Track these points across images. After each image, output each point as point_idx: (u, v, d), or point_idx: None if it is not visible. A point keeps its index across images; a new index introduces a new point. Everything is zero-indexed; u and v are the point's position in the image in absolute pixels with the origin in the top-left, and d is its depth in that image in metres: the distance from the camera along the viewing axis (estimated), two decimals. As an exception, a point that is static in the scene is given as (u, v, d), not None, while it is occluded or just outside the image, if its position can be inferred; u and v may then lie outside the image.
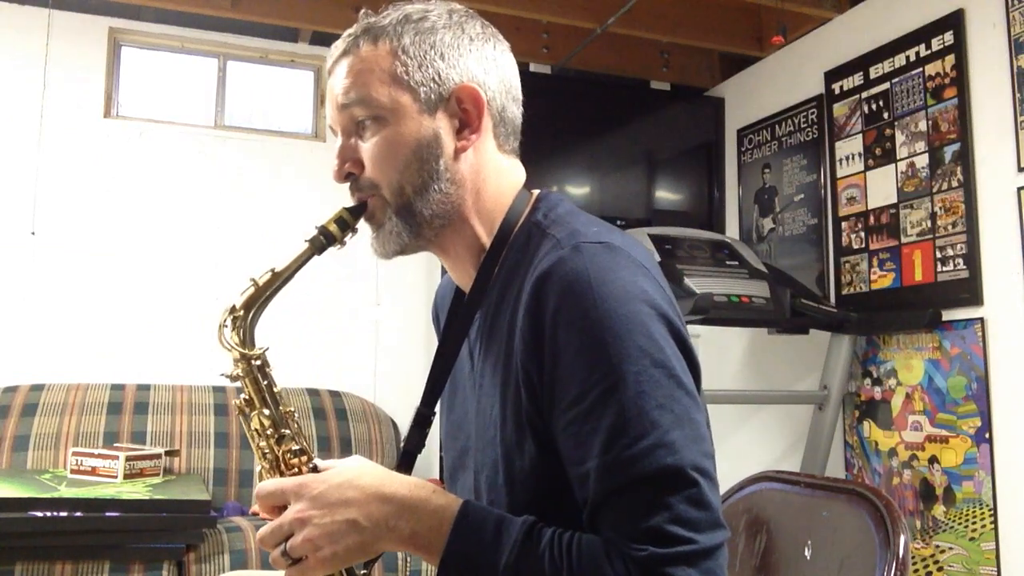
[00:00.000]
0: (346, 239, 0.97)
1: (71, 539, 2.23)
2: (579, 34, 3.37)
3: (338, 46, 0.98)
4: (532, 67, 3.60)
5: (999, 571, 2.46)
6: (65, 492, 2.31)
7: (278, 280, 0.97)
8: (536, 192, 1.02)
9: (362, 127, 0.95)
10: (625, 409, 0.80)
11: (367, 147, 0.95)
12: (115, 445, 2.82)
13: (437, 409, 1.05)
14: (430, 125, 0.94)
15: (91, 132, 3.34)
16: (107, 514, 2.26)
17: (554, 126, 3.38)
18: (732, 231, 3.68)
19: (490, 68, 0.97)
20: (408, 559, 2.57)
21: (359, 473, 0.86)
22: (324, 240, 0.97)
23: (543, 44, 3.47)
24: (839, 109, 3.13)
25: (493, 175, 0.98)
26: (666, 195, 3.92)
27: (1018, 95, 2.49)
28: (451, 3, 1.00)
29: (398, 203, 0.95)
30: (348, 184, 0.99)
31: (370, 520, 0.83)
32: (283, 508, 0.87)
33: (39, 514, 2.20)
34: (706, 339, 3.56)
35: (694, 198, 3.84)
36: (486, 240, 0.98)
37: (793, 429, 3.20)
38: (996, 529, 2.47)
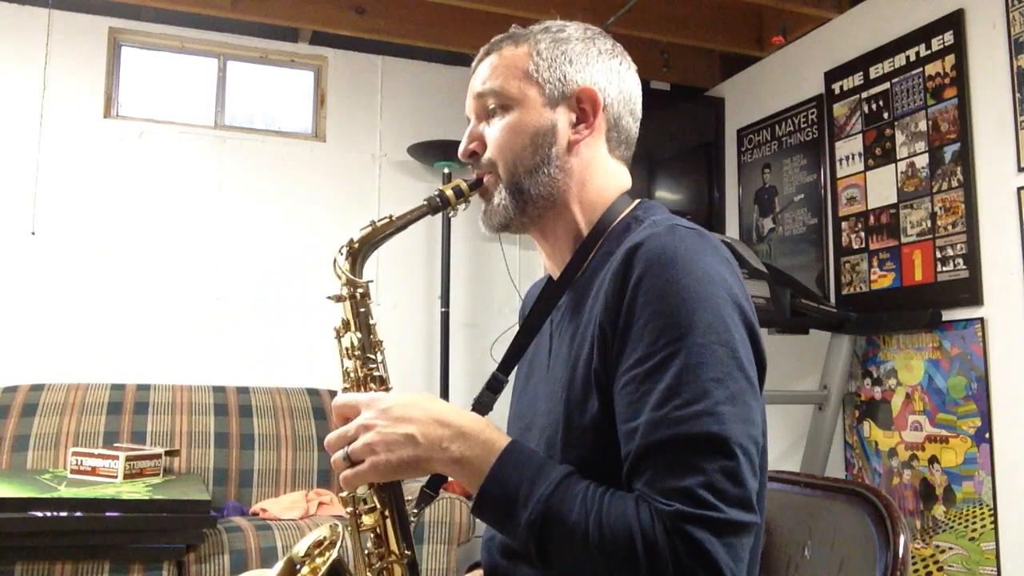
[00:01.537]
0: (459, 207, 1.07)
1: (71, 539, 2.23)
2: (579, 34, 3.37)
3: (484, 48, 1.10)
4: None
5: (999, 571, 2.46)
6: (65, 492, 2.31)
7: (392, 227, 1.05)
8: (639, 200, 1.09)
9: (492, 113, 1.06)
10: (683, 374, 0.84)
11: (492, 130, 1.06)
12: (115, 445, 2.82)
13: (511, 379, 1.12)
14: (550, 117, 1.04)
15: (91, 132, 3.34)
16: (107, 514, 2.26)
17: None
18: (732, 231, 3.68)
19: (612, 79, 1.07)
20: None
21: (425, 399, 0.94)
22: (440, 202, 1.05)
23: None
24: (839, 109, 3.13)
25: (600, 172, 1.07)
26: (666, 195, 3.92)
27: (1018, 95, 2.49)
28: (588, 24, 1.11)
29: (510, 180, 1.04)
30: (471, 161, 1.09)
31: (426, 438, 0.89)
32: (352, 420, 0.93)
33: (39, 514, 2.20)
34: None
35: (694, 198, 3.84)
36: (585, 229, 1.06)
37: (793, 429, 3.20)
38: (996, 529, 2.47)
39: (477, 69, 1.09)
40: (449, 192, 1.05)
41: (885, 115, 2.92)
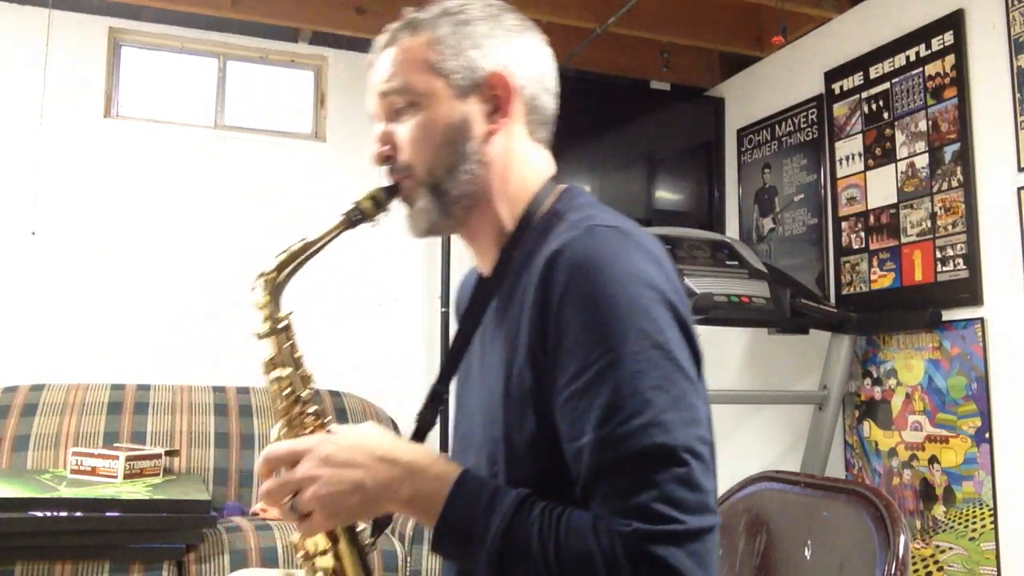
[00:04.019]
0: (379, 217, 1.02)
1: (71, 539, 2.23)
2: (579, 34, 3.37)
3: (380, 39, 1.04)
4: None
5: (999, 571, 2.46)
6: (65, 492, 2.31)
7: (308, 249, 1.01)
8: (564, 186, 1.05)
9: (399, 113, 1.01)
10: (621, 387, 0.82)
11: (402, 131, 1.01)
12: (115, 445, 2.82)
13: (451, 389, 1.09)
14: (461, 109, 0.99)
15: (91, 132, 3.34)
16: (107, 514, 2.26)
17: (554, 126, 3.38)
18: (732, 231, 3.68)
19: (523, 58, 1.01)
20: (408, 559, 2.57)
21: (366, 436, 0.90)
22: (358, 215, 1.01)
23: (543, 44, 3.47)
24: (839, 109, 3.13)
25: (521, 160, 1.02)
26: (666, 195, 3.92)
27: (1018, 95, 2.49)
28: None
29: (429, 182, 0.99)
30: (385, 166, 1.04)
31: (375, 482, 0.86)
32: (290, 468, 0.90)
33: (39, 514, 2.20)
34: (706, 339, 3.52)
35: (694, 198, 3.84)
36: (510, 226, 1.01)
37: (793, 429, 3.20)
38: (996, 529, 2.47)
39: (376, 64, 1.04)
40: (366, 203, 1.00)
41: (885, 115, 2.92)
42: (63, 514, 2.22)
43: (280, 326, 1.00)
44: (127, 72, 3.50)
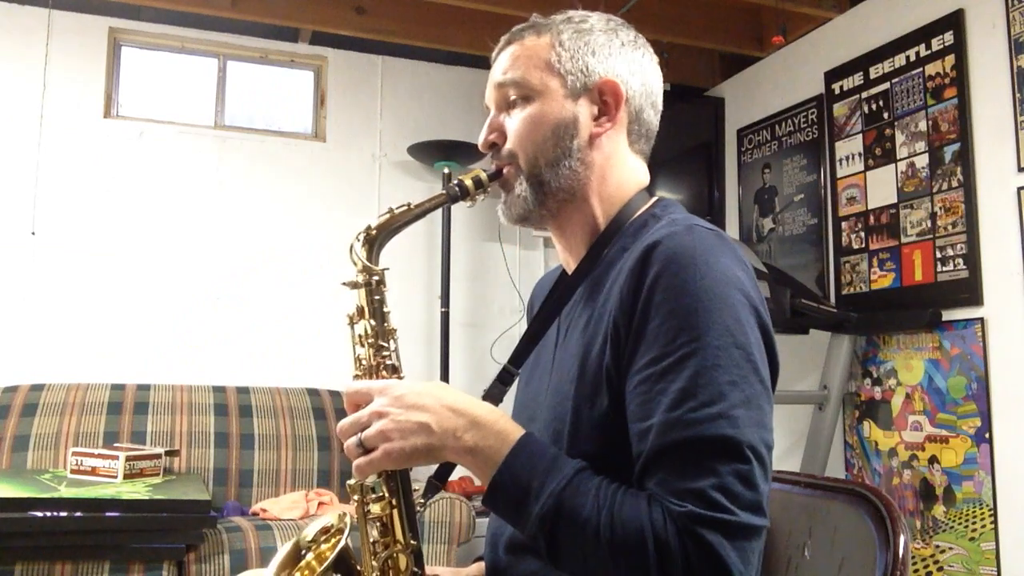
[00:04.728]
0: (478, 198, 1.05)
1: (71, 539, 2.23)
2: (579, 34, 3.37)
3: (505, 37, 1.08)
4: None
5: (999, 571, 2.46)
6: (65, 492, 2.31)
7: (410, 215, 1.03)
8: (657, 196, 1.09)
9: (512, 104, 1.05)
10: (698, 376, 0.84)
11: (513, 121, 1.05)
12: (115, 445, 2.82)
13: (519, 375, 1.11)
14: (571, 109, 1.03)
15: (91, 132, 3.34)
16: (107, 514, 2.26)
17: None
18: (732, 231, 3.68)
19: (635, 71, 1.06)
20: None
21: (439, 387, 0.94)
22: (458, 191, 1.04)
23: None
24: (839, 109, 3.13)
25: (620, 167, 1.06)
26: (666, 195, 3.92)
27: (1018, 95, 2.49)
28: (611, 14, 1.10)
29: (530, 172, 1.03)
30: (491, 152, 1.07)
31: (440, 426, 0.88)
32: (364, 407, 0.93)
33: (39, 514, 2.20)
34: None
35: (694, 198, 3.84)
36: (602, 223, 1.05)
37: (793, 429, 3.20)
38: (996, 529, 2.47)
39: (498, 59, 1.08)
40: (468, 182, 1.04)
41: (885, 115, 2.92)
42: (63, 514, 2.22)
43: (374, 279, 1.02)
44: (127, 72, 3.50)
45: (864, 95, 3.02)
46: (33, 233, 3.20)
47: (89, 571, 2.24)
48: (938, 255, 2.70)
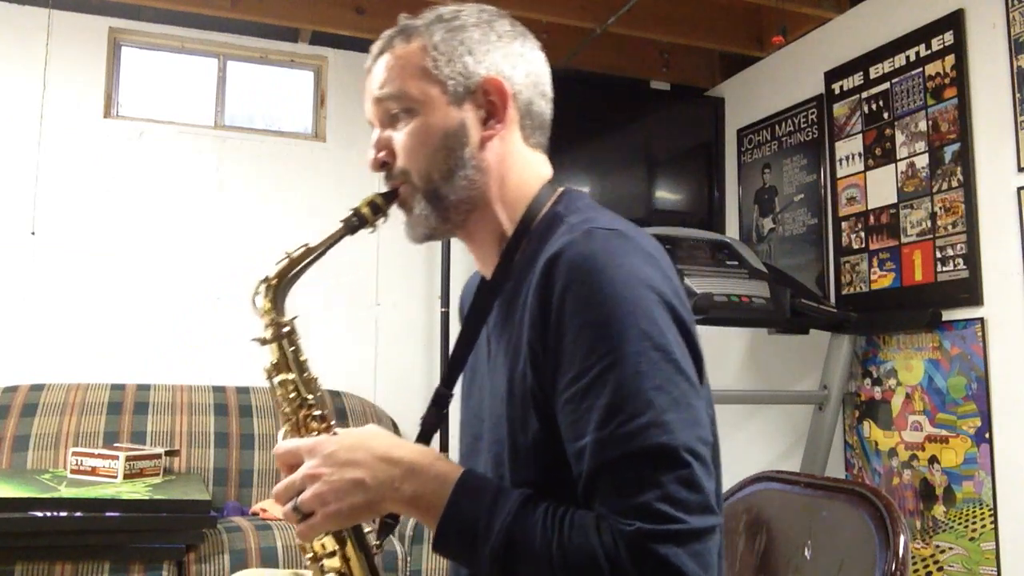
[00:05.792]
0: (378, 223, 1.02)
1: (71, 539, 2.23)
2: (579, 34, 3.37)
3: (376, 46, 1.04)
4: (532, 67, 3.61)
5: (999, 571, 2.46)
6: (65, 492, 2.31)
7: (310, 255, 1.01)
8: (562, 188, 1.05)
9: (395, 119, 1.01)
10: (622, 388, 0.82)
11: (399, 137, 1.01)
12: (115, 445, 2.82)
13: (456, 391, 1.09)
14: (457, 115, 0.99)
15: (91, 132, 3.34)
16: (107, 514, 2.26)
17: (554, 126, 3.38)
18: (732, 231, 3.68)
19: (517, 63, 1.02)
20: (408, 559, 2.57)
21: (371, 436, 0.91)
22: (356, 221, 1.01)
23: (543, 44, 3.47)
24: (839, 109, 3.13)
25: (518, 165, 1.02)
26: (666, 195, 3.92)
27: (1018, 95, 2.49)
28: (482, 4, 1.05)
29: (426, 188, 1.00)
30: (383, 173, 1.04)
31: (375, 480, 0.87)
32: (298, 467, 0.90)
33: (39, 514, 2.20)
34: (706, 339, 3.53)
35: (694, 198, 3.83)
36: (509, 228, 1.02)
37: (793, 429, 3.20)
38: (996, 529, 2.47)
39: (372, 71, 1.04)
40: (365, 209, 1.00)
41: (885, 115, 2.92)
42: (63, 514, 2.22)
43: (283, 331, 1.00)
44: (127, 72, 3.50)
45: (864, 95, 3.01)
46: (33, 233, 3.20)
47: (89, 571, 2.24)
48: (938, 255, 2.70)
